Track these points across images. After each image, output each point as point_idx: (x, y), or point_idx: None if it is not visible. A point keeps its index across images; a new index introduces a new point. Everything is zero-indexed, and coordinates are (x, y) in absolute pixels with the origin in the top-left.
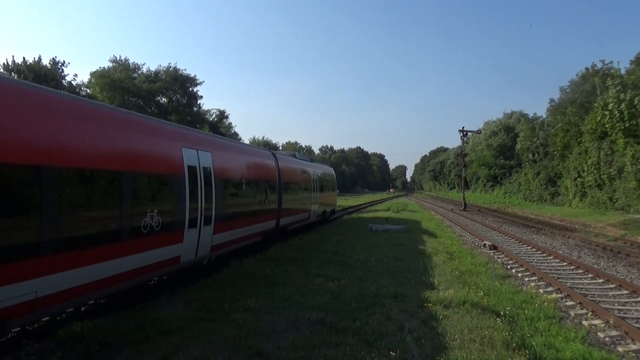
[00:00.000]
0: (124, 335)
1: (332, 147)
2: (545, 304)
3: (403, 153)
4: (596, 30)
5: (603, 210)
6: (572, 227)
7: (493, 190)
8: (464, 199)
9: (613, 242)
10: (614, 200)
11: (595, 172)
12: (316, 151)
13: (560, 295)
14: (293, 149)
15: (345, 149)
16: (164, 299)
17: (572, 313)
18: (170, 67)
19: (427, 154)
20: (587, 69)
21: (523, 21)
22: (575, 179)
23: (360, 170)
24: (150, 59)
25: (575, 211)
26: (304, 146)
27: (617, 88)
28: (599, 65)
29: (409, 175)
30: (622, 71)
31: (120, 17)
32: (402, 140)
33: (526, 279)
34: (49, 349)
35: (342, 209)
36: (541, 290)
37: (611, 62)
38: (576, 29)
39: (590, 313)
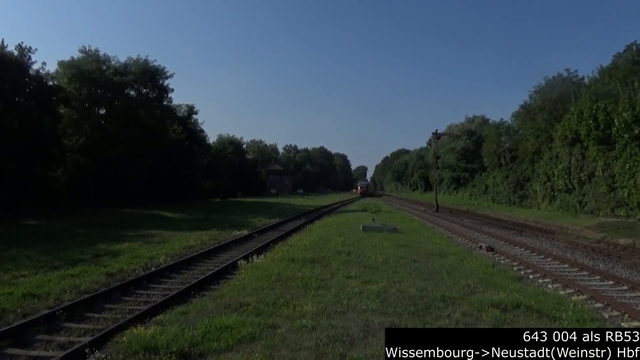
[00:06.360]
0: (196, 344)
1: (296, 147)
2: (579, 305)
3: (364, 155)
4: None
5: (572, 213)
6: (551, 229)
7: (457, 192)
8: (436, 200)
9: (597, 244)
10: (584, 204)
11: (565, 176)
12: (280, 150)
13: (584, 297)
14: (258, 148)
15: (309, 148)
16: (204, 302)
17: (605, 315)
18: (140, 58)
19: (389, 155)
20: (554, 77)
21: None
22: (544, 183)
23: (324, 170)
24: (115, 50)
25: (545, 213)
26: (269, 144)
27: (593, 97)
28: (565, 74)
29: (369, 176)
30: (586, 81)
31: (90, 6)
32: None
33: (540, 281)
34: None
35: (315, 209)
36: (562, 292)
37: (576, 70)
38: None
39: (626, 314)
